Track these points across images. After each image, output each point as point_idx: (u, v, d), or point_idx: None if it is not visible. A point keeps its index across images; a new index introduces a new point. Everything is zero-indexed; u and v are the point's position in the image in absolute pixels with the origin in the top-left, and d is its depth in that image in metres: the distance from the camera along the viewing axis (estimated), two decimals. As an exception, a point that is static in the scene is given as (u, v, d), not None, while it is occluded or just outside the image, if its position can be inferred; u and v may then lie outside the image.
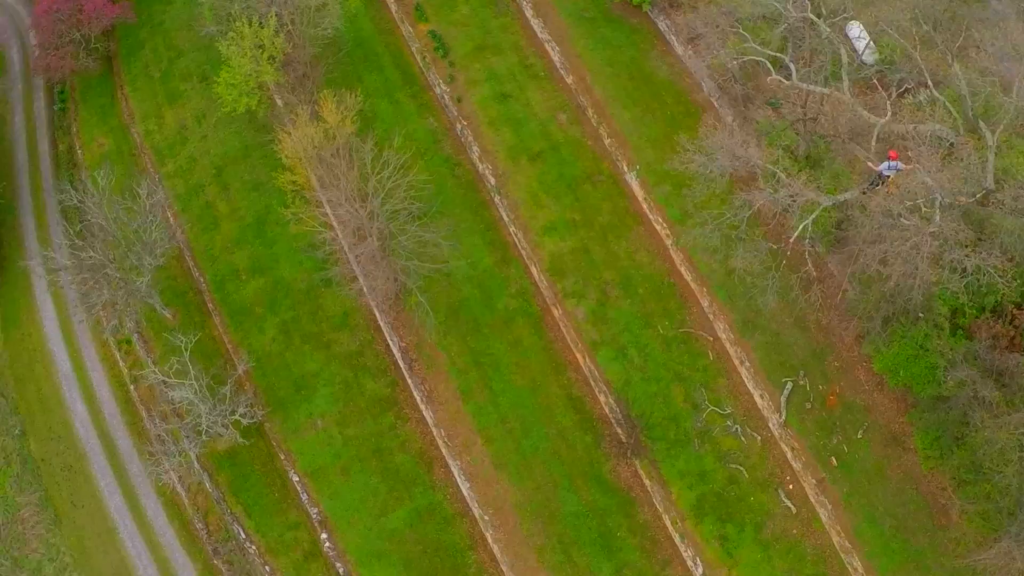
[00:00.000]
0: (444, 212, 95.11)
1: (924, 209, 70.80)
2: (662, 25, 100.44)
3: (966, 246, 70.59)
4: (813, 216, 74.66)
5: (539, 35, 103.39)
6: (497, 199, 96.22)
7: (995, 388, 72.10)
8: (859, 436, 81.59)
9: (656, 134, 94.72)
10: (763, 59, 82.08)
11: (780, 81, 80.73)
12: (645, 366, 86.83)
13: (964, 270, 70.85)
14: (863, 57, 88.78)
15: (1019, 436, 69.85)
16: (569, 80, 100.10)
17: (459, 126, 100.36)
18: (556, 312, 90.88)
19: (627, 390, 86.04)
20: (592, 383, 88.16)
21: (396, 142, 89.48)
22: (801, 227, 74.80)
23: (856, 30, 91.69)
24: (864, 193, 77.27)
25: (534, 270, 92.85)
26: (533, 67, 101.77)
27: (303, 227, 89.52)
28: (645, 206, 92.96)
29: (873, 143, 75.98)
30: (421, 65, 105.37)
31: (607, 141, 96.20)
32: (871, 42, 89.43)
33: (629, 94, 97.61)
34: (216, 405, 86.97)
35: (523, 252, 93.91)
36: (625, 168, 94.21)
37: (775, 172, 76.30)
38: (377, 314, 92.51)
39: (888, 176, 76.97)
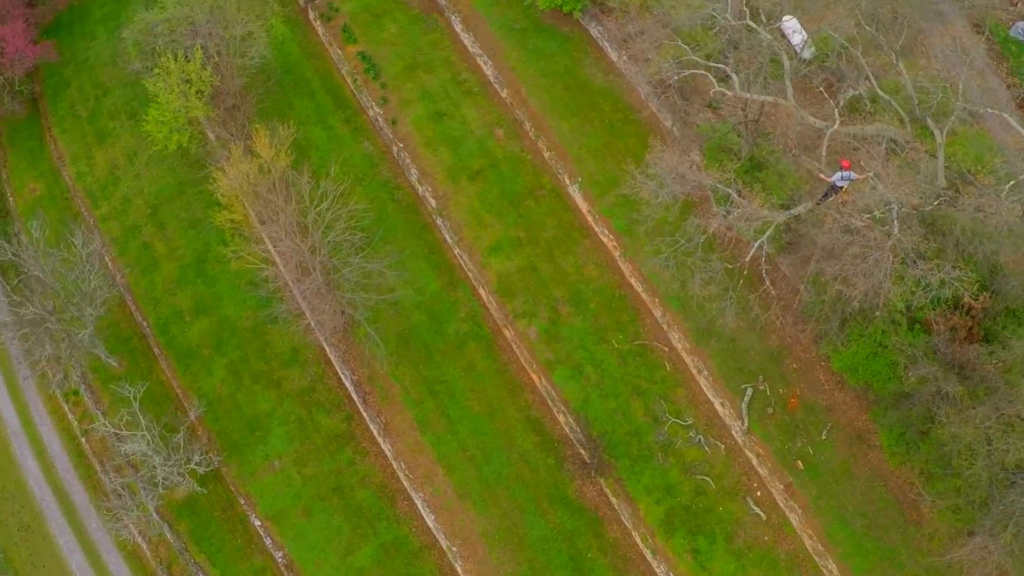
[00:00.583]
0: (387, 239, 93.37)
1: (879, 215, 69.94)
2: (594, 32, 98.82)
3: (928, 259, 69.76)
4: (768, 233, 73.60)
5: (470, 49, 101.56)
6: (440, 221, 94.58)
7: (958, 382, 71.48)
8: (823, 437, 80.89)
9: (596, 144, 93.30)
10: (703, 71, 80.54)
11: (723, 93, 79.41)
12: (602, 382, 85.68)
13: (928, 284, 69.97)
14: (801, 54, 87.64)
15: (985, 429, 69.30)
16: (504, 94, 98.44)
17: (395, 148, 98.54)
18: (508, 333, 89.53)
19: (586, 408, 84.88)
20: (550, 403, 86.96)
21: (333, 170, 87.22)
22: (756, 245, 73.75)
23: (792, 24, 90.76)
24: (818, 205, 76.24)
25: (482, 292, 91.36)
26: (467, 83, 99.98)
27: (244, 264, 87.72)
28: (590, 218, 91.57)
29: (823, 153, 75.08)
30: (352, 88, 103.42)
31: (547, 154, 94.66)
32: (808, 38, 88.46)
33: (566, 104, 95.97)
34: (171, 455, 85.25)
35: (470, 274, 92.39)
36: (568, 181, 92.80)
37: (728, 193, 75.10)
38: (327, 348, 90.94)
39: (841, 187, 75.86)
